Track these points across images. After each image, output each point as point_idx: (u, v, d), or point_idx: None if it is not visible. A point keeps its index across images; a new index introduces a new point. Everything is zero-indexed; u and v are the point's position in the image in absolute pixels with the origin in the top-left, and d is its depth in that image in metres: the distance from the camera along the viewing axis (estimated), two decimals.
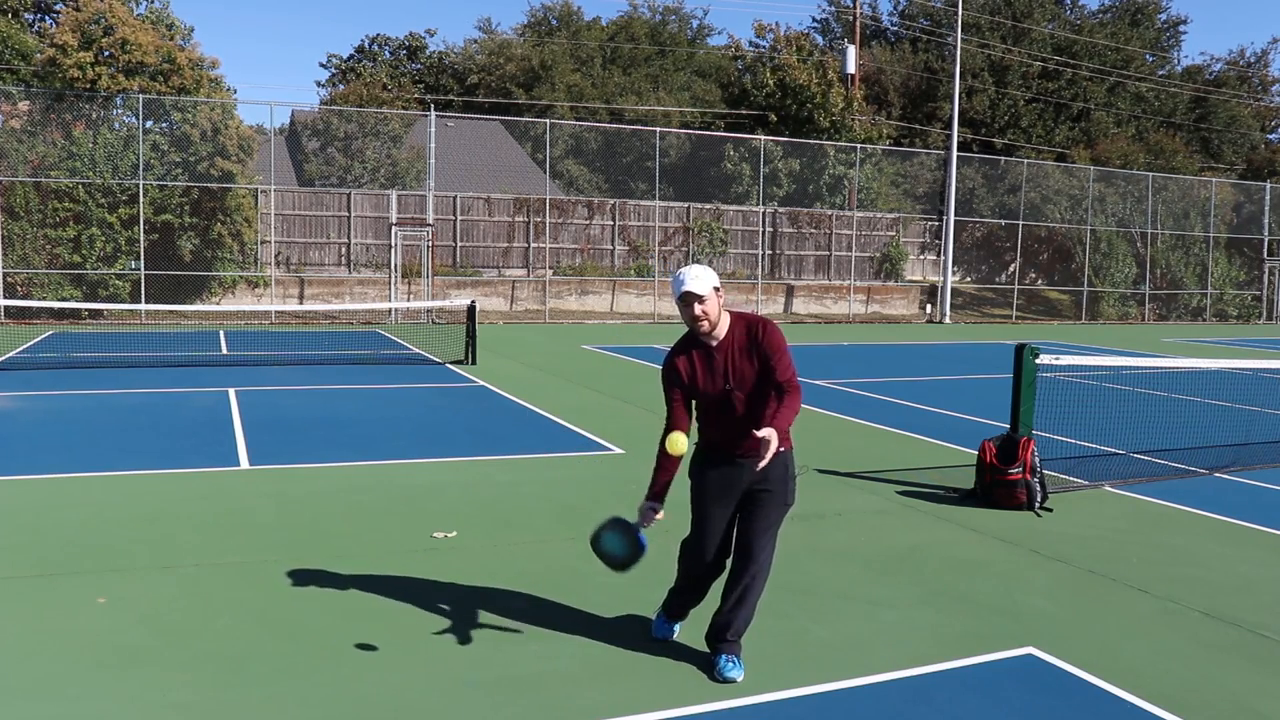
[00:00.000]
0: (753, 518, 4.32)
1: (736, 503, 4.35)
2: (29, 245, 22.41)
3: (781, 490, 4.32)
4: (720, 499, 4.34)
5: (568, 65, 46.59)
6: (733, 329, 4.24)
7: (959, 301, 33.05)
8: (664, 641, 4.59)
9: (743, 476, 4.29)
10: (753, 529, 4.31)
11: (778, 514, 4.35)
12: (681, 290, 4.15)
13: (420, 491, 7.43)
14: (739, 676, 4.24)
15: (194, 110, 23.22)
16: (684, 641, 4.64)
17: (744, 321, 4.26)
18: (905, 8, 50.32)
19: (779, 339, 4.23)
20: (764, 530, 4.31)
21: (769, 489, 4.29)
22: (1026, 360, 7.46)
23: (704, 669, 4.34)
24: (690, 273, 4.17)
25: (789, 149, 32.33)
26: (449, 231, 28.59)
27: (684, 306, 4.17)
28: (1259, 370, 16.14)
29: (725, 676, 4.24)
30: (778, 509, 4.34)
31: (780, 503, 4.33)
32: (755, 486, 4.29)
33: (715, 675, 4.25)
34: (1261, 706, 4.13)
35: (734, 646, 4.35)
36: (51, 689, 4.03)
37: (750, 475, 4.25)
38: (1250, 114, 50.20)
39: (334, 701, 3.98)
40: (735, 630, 4.35)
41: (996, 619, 5.05)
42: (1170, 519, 7.14)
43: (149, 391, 11.98)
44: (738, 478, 4.31)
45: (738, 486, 4.32)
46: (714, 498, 4.35)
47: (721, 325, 4.23)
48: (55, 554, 5.74)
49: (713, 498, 4.35)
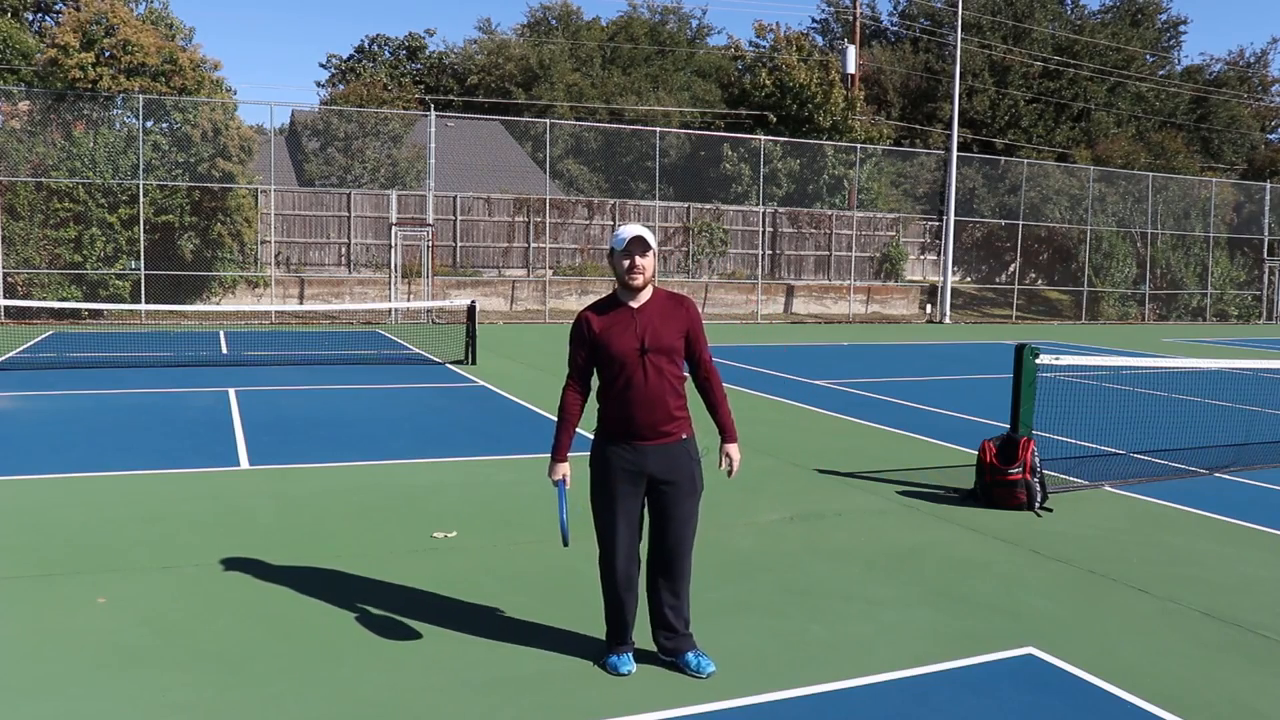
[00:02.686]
0: (670, 515, 4.25)
1: (642, 495, 4.26)
2: (30, 245, 22.41)
3: (689, 480, 4.27)
4: (628, 493, 4.22)
5: (567, 65, 46.60)
6: (656, 296, 4.28)
7: (959, 301, 33.05)
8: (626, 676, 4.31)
9: (646, 465, 4.20)
10: (672, 527, 4.26)
11: (692, 504, 4.29)
12: (632, 235, 4.14)
13: (420, 491, 7.43)
14: (714, 669, 4.27)
15: (195, 111, 23.22)
16: None
17: (666, 293, 4.32)
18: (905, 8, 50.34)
19: (700, 316, 4.33)
20: (684, 524, 4.28)
21: (676, 480, 4.23)
22: (1026, 360, 7.46)
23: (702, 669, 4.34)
24: (638, 225, 4.21)
25: (789, 149, 32.33)
26: (449, 231, 28.59)
27: (624, 257, 4.16)
28: (1259, 370, 16.14)
29: (705, 671, 4.24)
30: (691, 499, 4.28)
31: (691, 492, 4.28)
32: (662, 478, 4.21)
33: (694, 673, 4.25)
34: (1261, 706, 4.13)
35: (691, 640, 4.37)
36: (51, 689, 4.03)
37: (654, 464, 4.19)
38: (1250, 114, 50.19)
39: (334, 701, 3.98)
40: (686, 623, 4.37)
41: (996, 619, 5.05)
42: (1170, 519, 7.14)
43: (149, 391, 11.98)
44: (641, 467, 4.20)
45: (642, 477, 4.22)
46: (622, 492, 4.21)
47: (647, 291, 4.25)
48: (55, 554, 5.75)
49: (621, 492, 4.21)
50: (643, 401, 4.15)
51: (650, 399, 4.15)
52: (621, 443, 4.20)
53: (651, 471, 4.20)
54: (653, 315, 4.21)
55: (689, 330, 4.26)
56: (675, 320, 4.23)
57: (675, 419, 4.22)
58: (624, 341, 4.15)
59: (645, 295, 4.24)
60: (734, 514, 7.00)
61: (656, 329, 4.18)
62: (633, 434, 4.18)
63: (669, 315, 4.23)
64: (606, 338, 4.17)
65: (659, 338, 4.17)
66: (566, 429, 4.28)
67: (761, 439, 9.81)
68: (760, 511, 7.08)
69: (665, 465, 4.20)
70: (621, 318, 4.20)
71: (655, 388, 4.15)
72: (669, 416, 4.20)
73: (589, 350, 4.22)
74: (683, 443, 4.26)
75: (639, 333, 4.16)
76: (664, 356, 4.17)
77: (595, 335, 4.19)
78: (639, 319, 4.18)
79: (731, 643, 4.64)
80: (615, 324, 4.19)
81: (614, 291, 4.29)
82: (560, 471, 4.29)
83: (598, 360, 4.22)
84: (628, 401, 4.16)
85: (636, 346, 4.15)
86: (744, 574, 5.66)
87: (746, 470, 8.43)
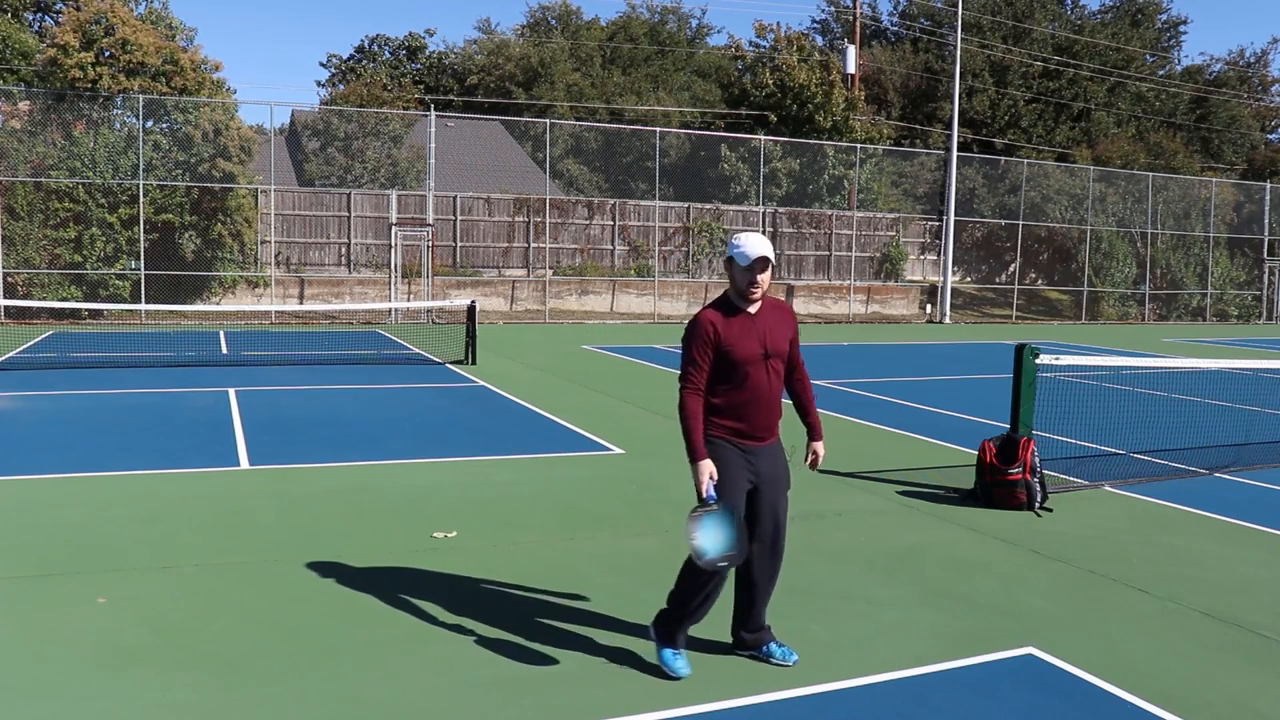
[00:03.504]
0: (773, 510, 4.40)
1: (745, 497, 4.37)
2: (30, 245, 22.41)
3: (787, 477, 4.47)
4: (740, 491, 4.32)
5: (567, 65, 46.60)
6: (765, 303, 4.41)
7: (959, 301, 33.05)
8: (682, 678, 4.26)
9: (758, 466, 4.35)
10: (777, 521, 4.41)
11: (786, 501, 4.47)
12: (759, 255, 4.23)
13: (420, 491, 7.43)
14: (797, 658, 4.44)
15: (195, 111, 23.22)
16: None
17: (772, 300, 4.47)
18: (905, 8, 50.36)
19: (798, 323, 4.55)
20: (784, 520, 4.45)
21: (779, 477, 4.41)
22: (1026, 360, 7.46)
23: (701, 669, 4.34)
24: (760, 240, 4.28)
25: (789, 149, 32.33)
26: (449, 231, 28.59)
27: (746, 272, 4.25)
28: (1259, 370, 16.14)
29: (791, 660, 4.42)
30: (784, 496, 4.46)
31: (786, 488, 4.46)
32: (768, 477, 4.36)
33: (780, 662, 4.40)
34: (1261, 706, 4.13)
35: (771, 632, 4.53)
36: (51, 689, 4.03)
37: (763, 464, 4.35)
38: (1250, 114, 50.21)
39: (334, 701, 3.98)
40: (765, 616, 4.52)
41: (996, 619, 5.05)
42: (1170, 519, 7.14)
43: (149, 391, 11.98)
44: (754, 467, 4.34)
45: (752, 477, 4.35)
46: (735, 490, 4.29)
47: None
48: (55, 554, 5.74)
49: (733, 490, 4.28)
50: (762, 404, 4.32)
51: (770, 402, 4.34)
52: (737, 442, 4.32)
53: (761, 471, 4.35)
54: (769, 320, 4.37)
55: (793, 335, 4.48)
56: (785, 326, 4.43)
57: (779, 419, 4.46)
58: (748, 346, 4.27)
59: (759, 304, 4.39)
60: None
61: (774, 335, 4.35)
62: (745, 434, 4.32)
63: (780, 321, 4.41)
64: (731, 341, 4.26)
65: (777, 342, 4.35)
66: (698, 427, 4.27)
67: None
68: None
69: (770, 464, 4.38)
70: (743, 322, 4.31)
71: (775, 389, 4.36)
72: (777, 419, 4.42)
73: (714, 353, 4.28)
74: (779, 442, 4.47)
75: (760, 337, 4.30)
76: (780, 360, 4.38)
77: (720, 338, 4.26)
78: (758, 324, 4.32)
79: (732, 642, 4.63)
80: (738, 329, 4.29)
81: (726, 295, 4.38)
82: (708, 469, 4.22)
83: (719, 364, 4.29)
84: (748, 404, 4.30)
85: (760, 351, 4.28)
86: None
87: None
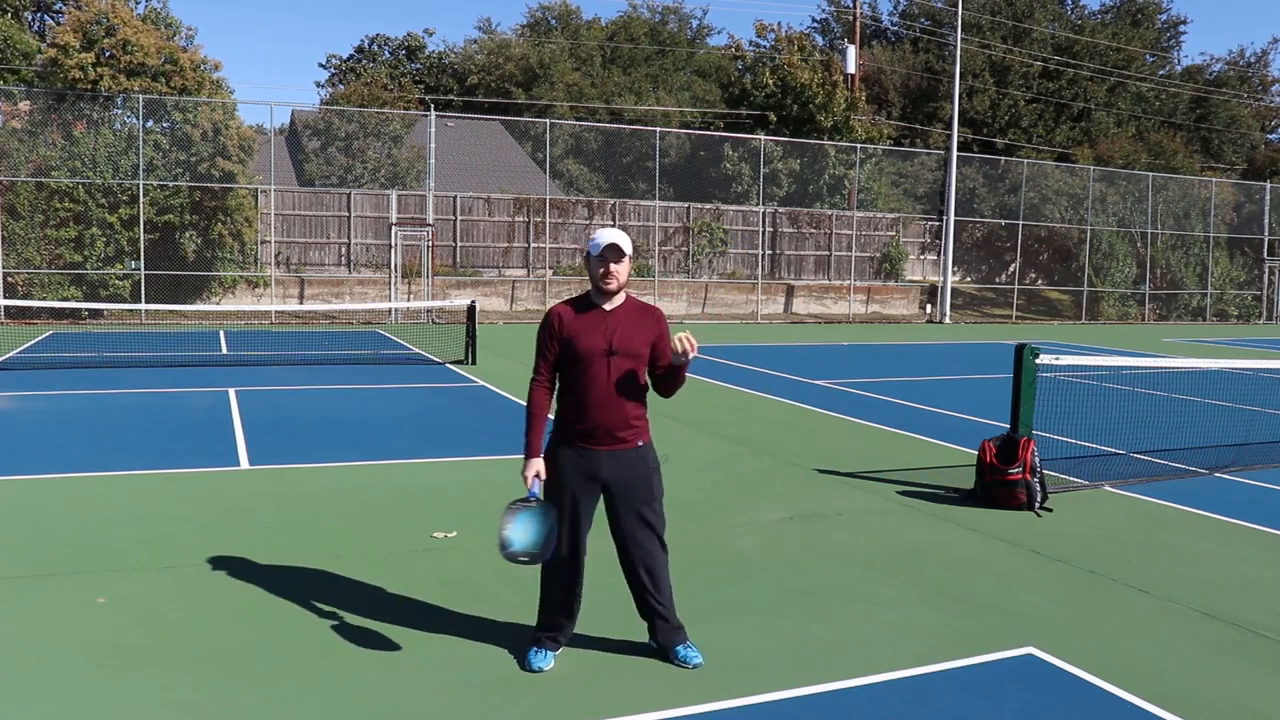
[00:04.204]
0: (629, 517, 4.26)
1: (595, 500, 4.27)
2: (30, 245, 22.41)
3: (645, 486, 4.27)
4: (579, 496, 4.24)
5: (567, 65, 46.59)
6: (628, 303, 4.31)
7: (959, 301, 33.05)
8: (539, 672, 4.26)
9: (600, 470, 4.21)
10: (637, 528, 4.27)
11: (648, 509, 4.29)
12: (608, 242, 4.16)
13: (420, 491, 7.43)
14: (702, 661, 4.32)
15: (195, 111, 23.22)
16: None
17: (638, 301, 4.35)
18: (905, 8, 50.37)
19: (669, 329, 4.32)
20: (649, 525, 4.29)
21: (631, 485, 4.24)
22: (1026, 360, 7.46)
23: (700, 670, 4.34)
24: (615, 231, 4.22)
25: (789, 149, 32.32)
26: (449, 231, 28.58)
27: (600, 262, 4.18)
28: (1259, 370, 16.14)
29: (694, 662, 4.30)
30: (646, 505, 4.28)
31: (647, 498, 4.28)
32: (617, 485, 4.23)
33: (682, 664, 4.30)
34: (1261, 706, 4.13)
35: (681, 633, 4.40)
36: (51, 689, 4.03)
37: (608, 470, 4.20)
38: (1250, 114, 50.21)
39: (334, 701, 3.98)
40: (670, 613, 4.38)
41: (996, 619, 5.05)
42: (1170, 519, 7.14)
43: (149, 391, 11.98)
44: (594, 471, 4.21)
45: (595, 482, 4.23)
46: (572, 494, 4.23)
47: (620, 296, 4.28)
48: (55, 554, 5.74)
49: (571, 494, 4.23)
50: (601, 403, 4.17)
51: (609, 402, 4.17)
52: (576, 445, 4.22)
53: (605, 477, 4.22)
54: (624, 319, 4.24)
55: (657, 340, 4.28)
56: (645, 328, 4.26)
57: (632, 426, 4.23)
58: (591, 340, 4.17)
59: (618, 300, 4.28)
60: (734, 514, 7.00)
61: (626, 333, 4.20)
62: (585, 436, 4.20)
63: (639, 322, 4.26)
64: (575, 335, 4.18)
65: (627, 341, 4.19)
66: (537, 424, 4.26)
67: (761, 439, 9.81)
68: (760, 511, 7.08)
69: (620, 472, 4.22)
70: (593, 318, 4.22)
71: (616, 390, 4.17)
72: (625, 423, 4.21)
73: (559, 346, 4.22)
74: (639, 449, 4.27)
75: (608, 334, 4.18)
76: (629, 360, 4.19)
77: (565, 332, 4.21)
78: (610, 321, 4.21)
79: (731, 643, 4.64)
80: (586, 323, 4.20)
81: (587, 293, 4.32)
82: (535, 467, 4.22)
83: (563, 358, 4.23)
84: (586, 402, 4.17)
85: (604, 347, 4.16)
86: (744, 574, 5.66)
87: (746, 470, 8.44)
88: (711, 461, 8.75)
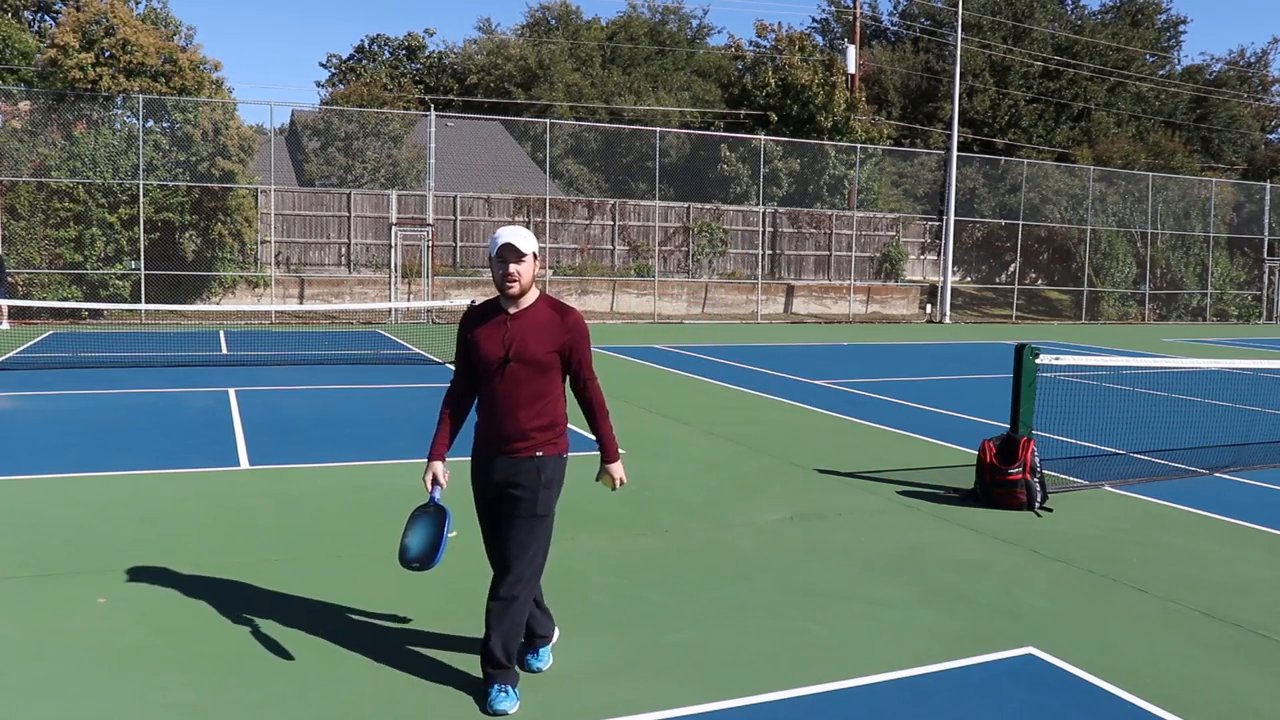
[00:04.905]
0: (507, 530, 4.01)
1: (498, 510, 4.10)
2: (30, 245, 22.42)
3: (532, 503, 3.96)
4: (485, 506, 4.13)
5: (567, 65, 46.61)
6: (538, 305, 4.02)
7: (959, 301, 33.05)
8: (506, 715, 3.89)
9: (492, 476, 4.04)
10: (510, 544, 3.99)
11: (529, 526, 3.97)
12: (502, 242, 3.91)
13: (420, 491, 7.40)
14: (511, 708, 3.88)
15: (195, 110, 23.22)
16: (683, 642, 4.64)
17: (553, 303, 4.06)
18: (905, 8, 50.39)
19: (586, 328, 4.06)
20: (521, 545, 3.97)
21: (517, 496, 3.97)
22: (1026, 360, 7.46)
23: (700, 670, 4.34)
24: (513, 230, 3.96)
25: (789, 149, 32.32)
26: (449, 231, 28.58)
27: (499, 263, 3.93)
28: (1259, 370, 16.14)
29: (494, 709, 3.87)
30: (528, 522, 3.97)
31: (529, 511, 3.96)
32: (505, 495, 4.01)
33: (485, 707, 3.91)
34: (1261, 706, 4.13)
35: (506, 674, 3.94)
36: (51, 689, 4.03)
37: (499, 476, 4.01)
38: (1250, 114, 50.23)
39: (334, 701, 3.98)
40: (505, 651, 3.93)
41: (996, 619, 5.05)
42: (1170, 519, 7.14)
43: (149, 391, 11.98)
44: (489, 477, 4.05)
45: (492, 492, 4.07)
46: (480, 505, 4.14)
47: (529, 296, 4.00)
48: (55, 554, 5.74)
49: (480, 505, 4.15)
50: (498, 412, 3.97)
51: (504, 411, 3.95)
52: (482, 450, 4.08)
53: (499, 487, 4.02)
54: (526, 324, 3.97)
55: (567, 345, 3.98)
56: (550, 335, 3.96)
57: (529, 437, 3.97)
58: (489, 347, 3.97)
59: (526, 301, 4.00)
60: (734, 514, 7.00)
61: (525, 339, 3.94)
62: (490, 441, 4.03)
63: (545, 327, 3.97)
64: (477, 340, 4.01)
65: (525, 348, 3.93)
66: (441, 426, 4.13)
67: (761, 439, 9.81)
68: (760, 511, 7.08)
69: (507, 478, 3.98)
70: (496, 322, 4.00)
71: (510, 399, 3.95)
72: (521, 433, 3.96)
73: (465, 349, 4.08)
74: (534, 460, 3.98)
75: (506, 340, 3.95)
76: (526, 368, 3.93)
77: (469, 336, 4.05)
78: (510, 326, 3.97)
79: (731, 643, 4.64)
80: (489, 327, 4.01)
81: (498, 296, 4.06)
82: (432, 470, 4.07)
83: (468, 361, 4.08)
84: (487, 409, 4.02)
85: (500, 354, 3.94)
86: (744, 574, 5.66)
87: (746, 470, 8.44)
88: (711, 461, 8.75)
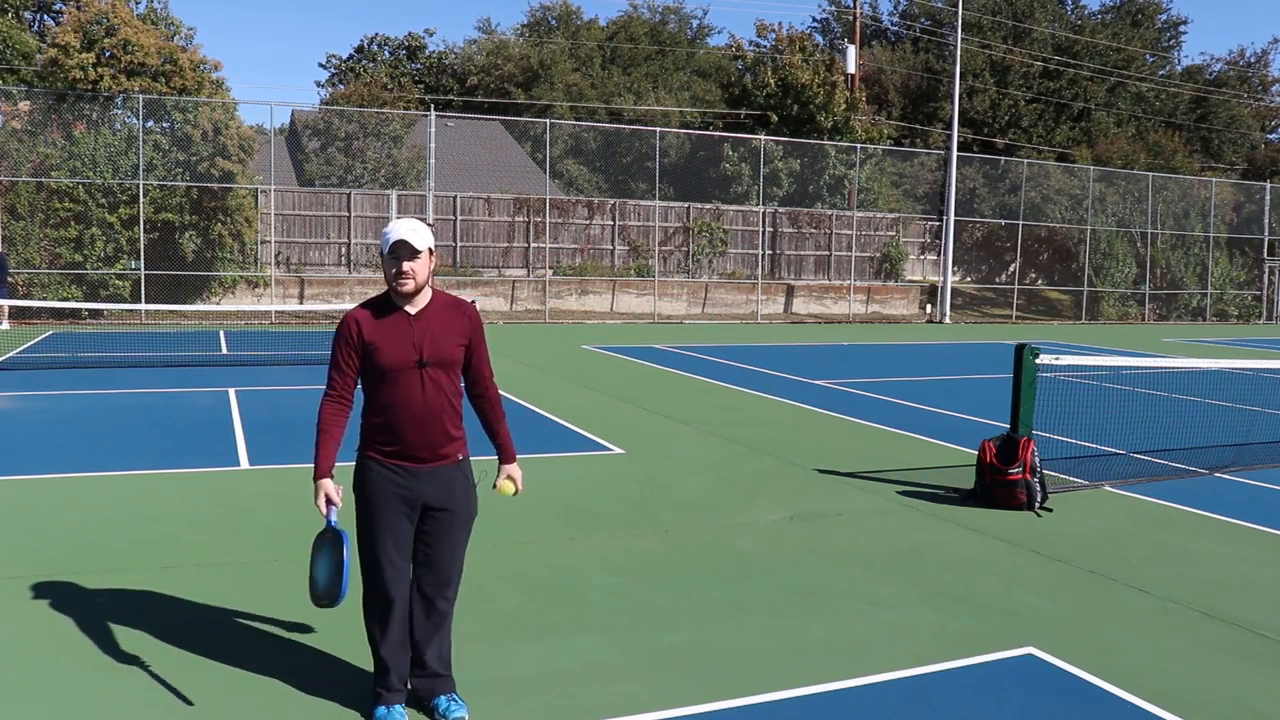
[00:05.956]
0: (442, 544, 3.81)
1: (413, 525, 3.80)
2: (30, 245, 22.42)
3: (465, 507, 3.86)
4: (400, 519, 3.77)
5: (567, 65, 46.62)
6: (435, 302, 3.79)
7: (959, 301, 33.05)
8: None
9: (420, 491, 3.76)
10: (444, 558, 3.83)
11: (464, 533, 3.88)
12: (395, 239, 3.63)
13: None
14: (465, 715, 3.82)
15: (195, 111, 23.23)
16: (683, 641, 4.64)
17: (447, 297, 3.85)
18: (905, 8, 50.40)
19: (482, 325, 3.89)
20: (456, 553, 3.87)
21: (451, 507, 3.81)
22: (1026, 360, 7.46)
23: (700, 670, 4.34)
24: (406, 224, 3.69)
25: (789, 149, 32.33)
26: (449, 231, 28.58)
27: (392, 260, 3.65)
28: (1259, 370, 16.14)
29: (453, 716, 3.79)
30: (465, 527, 3.88)
31: (466, 518, 3.88)
32: (436, 505, 3.78)
33: (442, 717, 3.80)
34: (1261, 706, 4.13)
35: (447, 683, 3.91)
36: (51, 689, 4.03)
37: (429, 489, 3.76)
38: (1250, 114, 50.23)
39: (334, 701, 3.98)
40: (444, 662, 3.91)
41: (996, 619, 5.05)
42: (1170, 519, 7.14)
43: (149, 391, 11.98)
44: (415, 492, 3.75)
45: (416, 504, 3.77)
46: (393, 519, 3.76)
47: (425, 294, 3.76)
48: (55, 554, 5.74)
49: (392, 519, 3.76)
50: (418, 420, 3.71)
51: (427, 417, 3.72)
52: (391, 464, 3.76)
53: (426, 498, 3.77)
54: (432, 323, 3.73)
55: (469, 340, 3.81)
56: (456, 329, 3.77)
57: (453, 439, 3.81)
58: (397, 351, 3.68)
59: (423, 300, 3.76)
60: (734, 514, 7.00)
61: (436, 339, 3.72)
62: (405, 455, 3.74)
63: (449, 324, 3.76)
64: (378, 346, 3.68)
65: (439, 349, 3.72)
66: (327, 440, 3.80)
67: (761, 439, 9.81)
68: (760, 511, 7.08)
69: (441, 491, 3.78)
70: (397, 323, 3.70)
71: (433, 405, 3.72)
72: (446, 437, 3.78)
73: (359, 357, 3.74)
74: (459, 465, 3.85)
75: (417, 343, 3.69)
76: (443, 370, 3.74)
77: (366, 342, 3.70)
78: (417, 327, 3.71)
79: (731, 643, 4.64)
80: (390, 330, 3.69)
81: (387, 292, 3.77)
82: (326, 489, 3.76)
83: (366, 370, 3.74)
84: (400, 419, 3.71)
85: (413, 358, 3.68)
86: (744, 574, 5.66)
87: (746, 470, 8.43)
88: (711, 461, 8.74)
